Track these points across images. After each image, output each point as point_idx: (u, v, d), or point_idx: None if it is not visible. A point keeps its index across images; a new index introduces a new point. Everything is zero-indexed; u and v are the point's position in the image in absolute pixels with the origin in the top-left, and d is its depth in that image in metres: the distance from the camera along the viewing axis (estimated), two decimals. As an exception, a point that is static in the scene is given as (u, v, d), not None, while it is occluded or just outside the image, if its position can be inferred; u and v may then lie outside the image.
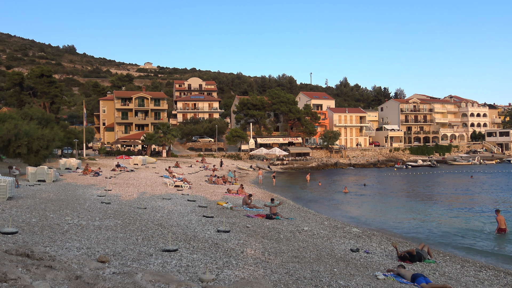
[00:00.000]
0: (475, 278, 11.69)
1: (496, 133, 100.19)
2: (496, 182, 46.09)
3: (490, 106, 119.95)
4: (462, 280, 11.28)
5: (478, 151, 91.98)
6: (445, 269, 12.46)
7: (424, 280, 10.06)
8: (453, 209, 27.20)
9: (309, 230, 17.21)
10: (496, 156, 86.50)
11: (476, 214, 25.22)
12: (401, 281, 10.08)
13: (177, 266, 8.84)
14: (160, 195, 24.38)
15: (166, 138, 60.10)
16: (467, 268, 12.92)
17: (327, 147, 78.40)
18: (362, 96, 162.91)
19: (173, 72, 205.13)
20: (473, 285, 10.88)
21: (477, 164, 76.24)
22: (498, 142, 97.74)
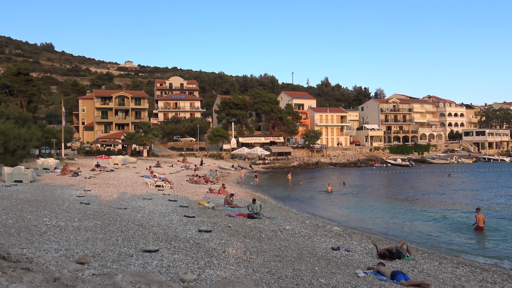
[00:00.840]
0: (453, 275, 11.95)
1: (473, 132, 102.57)
2: (472, 180, 47.16)
3: (467, 106, 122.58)
4: (440, 277, 11.51)
5: (456, 150, 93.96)
6: (423, 266, 12.70)
7: (403, 277, 10.23)
8: (431, 207, 27.72)
9: (291, 229, 17.29)
10: (472, 155, 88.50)
11: (453, 212, 25.75)
12: (381, 279, 10.22)
13: (158, 266, 8.77)
14: (140, 195, 24.14)
15: (147, 138, 59.53)
16: (444, 265, 13.19)
17: (308, 146, 78.87)
18: (343, 96, 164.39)
19: (154, 71, 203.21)
20: (451, 281, 11.11)
21: (454, 163, 77.84)
22: (474, 141, 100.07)
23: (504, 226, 20.82)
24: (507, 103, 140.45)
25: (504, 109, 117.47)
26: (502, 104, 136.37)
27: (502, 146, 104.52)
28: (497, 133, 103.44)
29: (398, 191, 38.11)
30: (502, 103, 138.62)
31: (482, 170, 61.46)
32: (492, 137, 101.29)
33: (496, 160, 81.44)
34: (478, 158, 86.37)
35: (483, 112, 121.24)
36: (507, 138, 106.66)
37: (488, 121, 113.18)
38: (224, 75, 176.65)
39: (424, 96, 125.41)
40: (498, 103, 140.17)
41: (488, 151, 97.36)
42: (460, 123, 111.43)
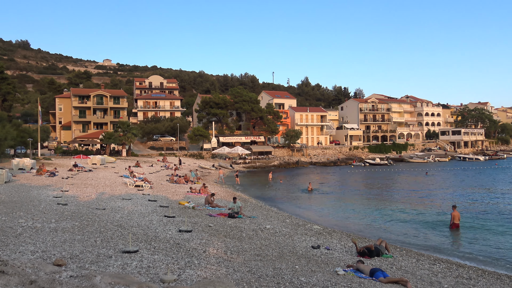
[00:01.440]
0: (430, 271, 12.20)
1: (449, 132, 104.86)
2: (448, 179, 48.19)
3: (443, 106, 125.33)
4: (417, 273, 11.73)
5: (433, 149, 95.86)
6: (401, 263, 12.92)
7: (382, 274, 10.38)
8: (409, 205, 28.20)
9: (271, 228, 17.35)
10: (449, 154, 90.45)
11: (431, 209, 26.27)
12: (360, 276, 10.35)
13: (138, 267, 8.68)
14: (120, 195, 23.83)
15: (126, 137, 58.79)
16: (422, 262, 13.46)
17: (289, 145, 79.22)
18: (323, 95, 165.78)
19: (133, 69, 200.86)
20: (428, 277, 11.34)
21: (431, 161, 79.38)
22: (450, 141, 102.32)
23: (478, 223, 21.34)
24: (481, 103, 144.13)
25: (479, 109, 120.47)
26: (477, 104, 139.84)
27: (477, 145, 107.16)
28: (472, 133, 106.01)
29: (377, 190, 38.64)
30: (477, 103, 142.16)
31: (457, 169, 62.87)
32: (468, 136, 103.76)
33: (471, 159, 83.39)
34: (454, 157, 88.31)
35: (459, 112, 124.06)
36: (481, 137, 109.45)
37: (463, 121, 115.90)
38: (205, 74, 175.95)
39: (402, 96, 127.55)
40: (473, 103, 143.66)
41: (464, 150, 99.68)
42: (437, 123, 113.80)
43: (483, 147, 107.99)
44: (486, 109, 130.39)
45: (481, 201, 30.21)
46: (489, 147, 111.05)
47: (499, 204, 28.57)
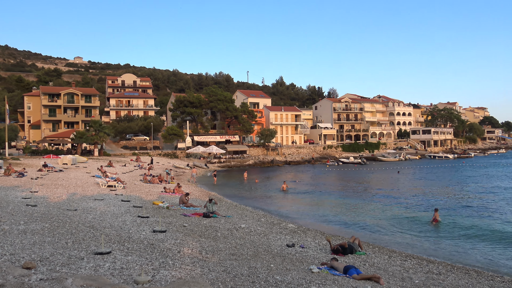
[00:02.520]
0: (401, 267, 12.48)
1: (420, 131, 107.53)
2: (420, 176, 49.40)
3: (414, 106, 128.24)
4: (389, 270, 11.98)
5: (404, 148, 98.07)
6: (374, 260, 13.17)
7: (356, 271, 10.56)
8: (382, 203, 28.77)
9: (246, 227, 17.38)
10: (419, 152, 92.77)
11: (403, 207, 26.88)
12: (334, 273, 10.49)
13: (111, 269, 8.54)
14: (92, 195, 23.36)
15: (98, 137, 57.64)
16: (394, 258, 13.76)
17: (263, 145, 79.43)
18: (298, 95, 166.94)
19: (106, 67, 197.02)
20: (400, 273, 11.59)
21: (402, 160, 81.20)
22: (421, 140, 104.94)
23: (448, 220, 21.95)
24: (450, 103, 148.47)
25: (448, 109, 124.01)
26: (446, 104, 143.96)
27: (446, 144, 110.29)
28: (441, 132, 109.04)
29: (351, 188, 39.22)
30: (446, 103, 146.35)
31: (427, 166, 64.52)
32: (437, 135, 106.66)
33: (441, 157, 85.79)
34: (424, 155, 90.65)
35: (429, 111, 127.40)
36: (450, 136, 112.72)
37: (433, 120, 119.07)
38: (179, 73, 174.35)
39: (374, 96, 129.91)
40: (442, 103, 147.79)
41: (434, 148, 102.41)
42: (408, 122, 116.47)
43: (452, 146, 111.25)
44: (454, 109, 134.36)
45: (452, 198, 31.09)
46: (457, 146, 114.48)
47: (468, 200, 29.48)
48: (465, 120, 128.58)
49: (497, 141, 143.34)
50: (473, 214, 23.86)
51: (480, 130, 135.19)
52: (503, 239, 17.94)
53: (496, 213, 24.43)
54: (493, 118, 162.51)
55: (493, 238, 18.20)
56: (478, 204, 28.00)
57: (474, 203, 28.44)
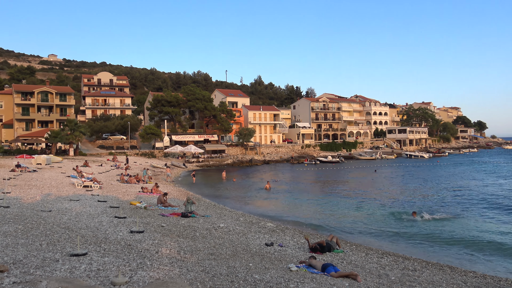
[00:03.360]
0: (378, 264, 12.69)
1: (395, 130, 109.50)
2: (396, 175, 50.28)
3: (390, 106, 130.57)
4: (366, 267, 12.16)
5: (380, 147, 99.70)
6: (352, 258, 13.34)
7: (333, 269, 10.67)
8: (360, 201, 29.17)
9: (225, 226, 17.34)
10: (395, 151, 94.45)
11: (379, 205, 27.30)
12: (312, 271, 10.58)
13: (87, 270, 8.39)
14: (67, 196, 22.89)
15: (73, 136, 56.52)
16: (371, 256, 13.97)
17: (242, 144, 79.42)
18: (276, 94, 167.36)
19: (81, 65, 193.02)
20: (376, 270, 11.78)
21: (379, 158, 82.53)
22: (397, 139, 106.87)
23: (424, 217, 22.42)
24: (425, 103, 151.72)
25: (423, 109, 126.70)
26: (421, 104, 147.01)
27: (421, 143, 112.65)
28: (416, 131, 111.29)
29: (329, 187, 39.61)
30: (421, 103, 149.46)
31: (403, 165, 65.74)
32: (413, 134, 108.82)
33: (417, 156, 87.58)
34: (400, 154, 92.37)
35: (404, 111, 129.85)
36: (425, 135, 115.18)
37: (409, 120, 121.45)
38: (156, 72, 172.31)
39: (351, 96, 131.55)
40: (417, 103, 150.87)
41: (409, 147, 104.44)
42: (384, 122, 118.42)
43: (426, 145, 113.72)
44: (429, 108, 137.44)
45: (428, 195, 31.77)
46: (432, 145, 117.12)
47: (444, 198, 30.18)
48: (439, 119, 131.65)
49: (469, 140, 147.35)
50: (448, 212, 24.43)
51: (454, 130, 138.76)
52: (477, 236, 18.42)
53: (471, 210, 25.08)
54: (466, 118, 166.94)
55: (468, 235, 18.68)
56: (453, 201, 28.70)
57: (450, 200, 29.14)
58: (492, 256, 15.26)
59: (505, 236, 18.31)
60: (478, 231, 19.29)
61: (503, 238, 18.04)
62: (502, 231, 19.40)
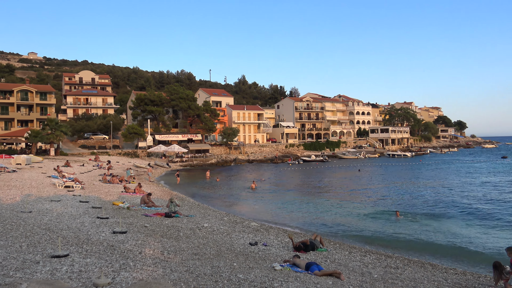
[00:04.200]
0: (361, 263, 12.82)
1: (378, 130, 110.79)
2: (378, 173, 50.87)
3: (373, 105, 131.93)
4: (350, 265, 12.28)
5: (363, 146, 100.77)
6: (335, 256, 13.45)
7: (317, 267, 10.74)
8: (343, 200, 29.42)
9: (209, 226, 17.29)
10: (378, 151, 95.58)
11: (364, 204, 27.59)
12: (296, 270, 10.63)
13: (69, 272, 8.27)
14: (48, 197, 22.50)
15: (54, 135, 55.58)
16: (354, 254, 14.11)
17: (226, 143, 79.27)
18: (260, 94, 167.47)
19: (62, 64, 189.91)
20: (359, 268, 11.90)
21: (362, 158, 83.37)
22: (379, 138, 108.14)
23: (406, 215, 22.74)
24: (407, 103, 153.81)
25: (405, 109, 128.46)
26: (403, 104, 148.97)
27: (403, 142, 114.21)
28: (398, 131, 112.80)
29: (313, 186, 39.83)
30: (403, 103, 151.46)
31: (386, 164, 66.55)
32: (395, 134, 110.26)
33: (400, 155, 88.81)
34: (383, 153, 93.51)
35: (387, 111, 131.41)
36: (407, 135, 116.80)
37: (391, 119, 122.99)
38: (139, 71, 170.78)
39: (335, 96, 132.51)
40: (399, 102, 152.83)
41: (391, 147, 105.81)
42: (367, 121, 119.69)
43: (408, 144, 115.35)
44: (411, 108, 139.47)
45: (410, 194, 32.21)
46: (413, 144, 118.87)
47: (426, 196, 30.65)
48: (420, 119, 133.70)
49: (450, 140, 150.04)
50: (431, 210, 24.81)
51: (435, 129, 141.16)
52: (458, 234, 18.77)
53: (452, 208, 25.52)
54: (447, 118, 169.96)
55: (449, 232, 19.01)
56: (436, 200, 29.16)
57: (432, 199, 29.60)
58: (472, 254, 15.57)
59: (484, 234, 18.71)
60: (459, 229, 19.66)
61: (482, 235, 18.44)
62: (482, 229, 19.82)
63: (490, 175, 47.24)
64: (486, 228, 19.86)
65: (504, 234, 18.70)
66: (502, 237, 17.99)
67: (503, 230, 19.54)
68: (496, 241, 17.32)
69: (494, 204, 26.79)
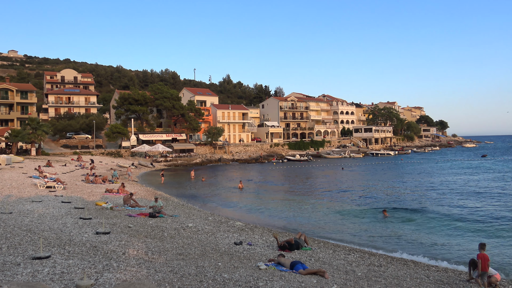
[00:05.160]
0: (345, 261, 12.93)
1: (362, 129, 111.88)
2: (363, 172, 51.36)
3: (356, 105, 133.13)
4: (334, 264, 12.37)
5: (347, 146, 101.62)
6: (319, 255, 13.53)
7: (302, 266, 10.79)
8: (327, 199, 29.61)
9: (194, 226, 17.23)
10: (362, 150, 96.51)
11: (347, 202, 27.81)
12: (281, 269, 10.66)
13: (50, 274, 8.14)
14: (29, 197, 22.10)
15: (35, 135, 54.61)
16: (338, 253, 14.22)
17: (211, 143, 79.03)
18: (245, 93, 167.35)
19: (44, 62, 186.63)
20: (343, 267, 12.00)
21: (347, 157, 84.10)
22: (363, 138, 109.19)
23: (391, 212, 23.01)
24: (390, 102, 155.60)
25: (388, 108, 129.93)
26: (386, 103, 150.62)
27: (386, 141, 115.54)
28: (382, 130, 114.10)
29: (298, 185, 40.00)
30: (386, 103, 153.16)
31: (369, 163, 67.25)
32: (378, 133, 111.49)
33: (383, 154, 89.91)
34: (367, 153, 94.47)
35: (370, 110, 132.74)
36: (390, 134, 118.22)
37: (374, 119, 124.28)
38: (123, 69, 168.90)
39: (319, 95, 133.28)
40: (383, 102, 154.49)
41: (375, 146, 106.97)
42: (351, 121, 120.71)
43: (391, 143, 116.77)
44: (394, 108, 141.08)
45: (395, 192, 32.60)
46: (396, 143, 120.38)
47: (410, 195, 31.06)
48: (403, 119, 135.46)
49: (432, 139, 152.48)
50: (415, 208, 25.15)
51: (417, 129, 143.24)
52: (439, 232, 19.07)
53: (436, 206, 25.91)
54: (429, 117, 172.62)
55: (432, 230, 19.31)
56: (419, 197, 29.57)
57: (415, 197, 30.00)
58: (453, 251, 15.85)
59: (465, 232, 19.06)
60: (441, 227, 19.98)
61: (464, 233, 18.78)
62: (464, 227, 20.18)
63: (473, 174, 48.12)
64: (468, 225, 20.21)
65: (484, 231, 19.06)
66: (481, 235, 18.34)
67: (484, 227, 19.91)
68: (476, 239, 17.65)
69: (476, 202, 27.31)
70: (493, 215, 22.83)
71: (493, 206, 25.87)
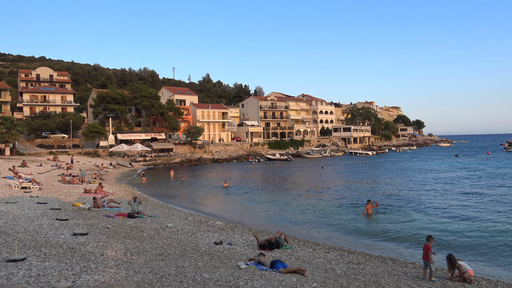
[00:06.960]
0: (325, 259, 13.05)
1: (341, 129, 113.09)
2: (343, 172, 51.91)
3: (335, 105, 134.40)
4: (314, 262, 12.47)
5: (327, 145, 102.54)
6: (299, 253, 13.63)
7: (282, 265, 10.84)
8: (306, 197, 29.80)
9: (173, 226, 17.11)
10: (341, 149, 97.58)
11: (327, 201, 28.04)
12: (261, 268, 10.69)
13: (26, 276, 7.96)
14: (3, 199, 21.56)
15: (9, 134, 53.27)
16: (318, 251, 14.35)
17: (190, 142, 78.58)
18: (224, 92, 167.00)
19: (18, 59, 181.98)
20: (323, 265, 12.11)
21: (328, 156, 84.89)
22: (342, 137, 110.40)
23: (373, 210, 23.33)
24: (368, 102, 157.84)
25: (366, 108, 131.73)
26: (364, 103, 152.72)
27: (365, 141, 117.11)
28: (360, 129, 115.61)
29: (277, 184, 40.12)
30: (364, 102, 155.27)
31: (349, 162, 68.03)
32: (357, 133, 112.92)
33: (362, 154, 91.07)
34: (345, 152, 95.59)
35: (349, 110, 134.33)
36: (368, 133, 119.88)
37: (353, 119, 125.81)
38: (100, 68, 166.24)
39: (299, 95, 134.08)
40: (361, 102, 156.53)
41: (354, 145, 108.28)
42: (330, 120, 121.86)
43: (369, 142, 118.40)
44: (372, 108, 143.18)
45: (376, 190, 33.04)
46: (374, 142, 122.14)
47: (391, 193, 31.53)
48: (381, 118, 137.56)
49: (409, 138, 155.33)
50: (392, 206, 25.54)
51: (395, 128, 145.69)
52: (417, 229, 19.43)
53: (414, 205, 26.38)
54: (406, 117, 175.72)
55: (409, 228, 19.65)
56: (400, 196, 30.04)
57: (395, 196, 30.48)
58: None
59: (443, 231, 19.48)
60: (419, 224, 20.35)
61: (442, 231, 19.18)
62: (442, 226, 20.61)
63: (447, 172, 49.20)
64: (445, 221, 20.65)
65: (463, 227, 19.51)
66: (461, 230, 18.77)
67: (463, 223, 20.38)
68: (457, 234, 18.05)
69: (453, 199, 27.94)
70: (473, 213, 23.40)
71: (472, 205, 26.50)
